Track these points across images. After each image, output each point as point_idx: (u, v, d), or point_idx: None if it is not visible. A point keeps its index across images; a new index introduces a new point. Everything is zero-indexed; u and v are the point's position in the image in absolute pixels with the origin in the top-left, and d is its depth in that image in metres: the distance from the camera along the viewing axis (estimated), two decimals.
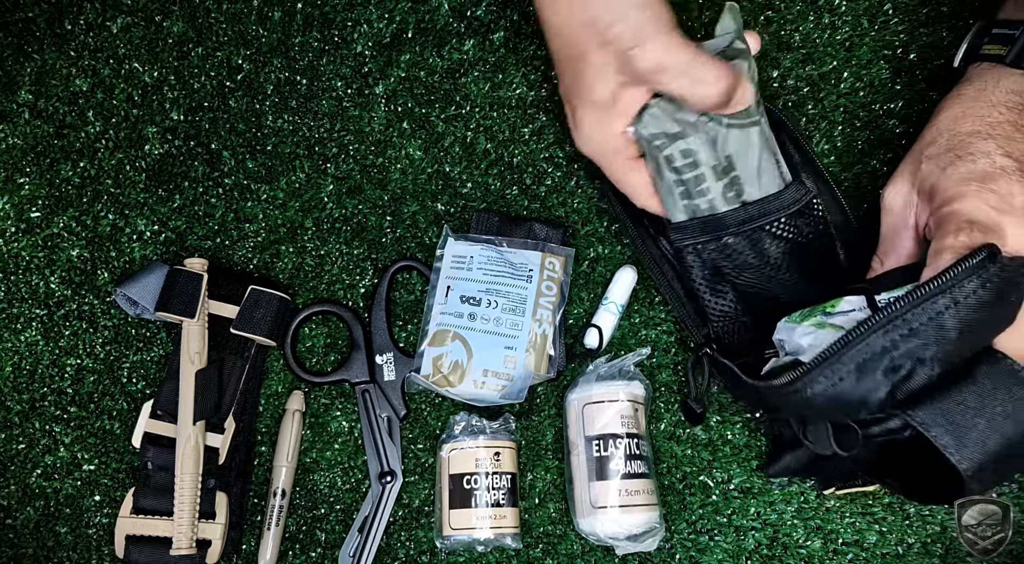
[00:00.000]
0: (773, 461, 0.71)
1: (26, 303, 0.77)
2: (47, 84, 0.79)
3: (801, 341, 0.62)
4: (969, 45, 0.70)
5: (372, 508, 0.74)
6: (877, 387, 0.57)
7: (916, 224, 0.64)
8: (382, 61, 0.79)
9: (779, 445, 0.72)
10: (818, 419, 0.62)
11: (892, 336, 0.55)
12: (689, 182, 0.65)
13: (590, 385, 0.71)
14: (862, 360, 0.56)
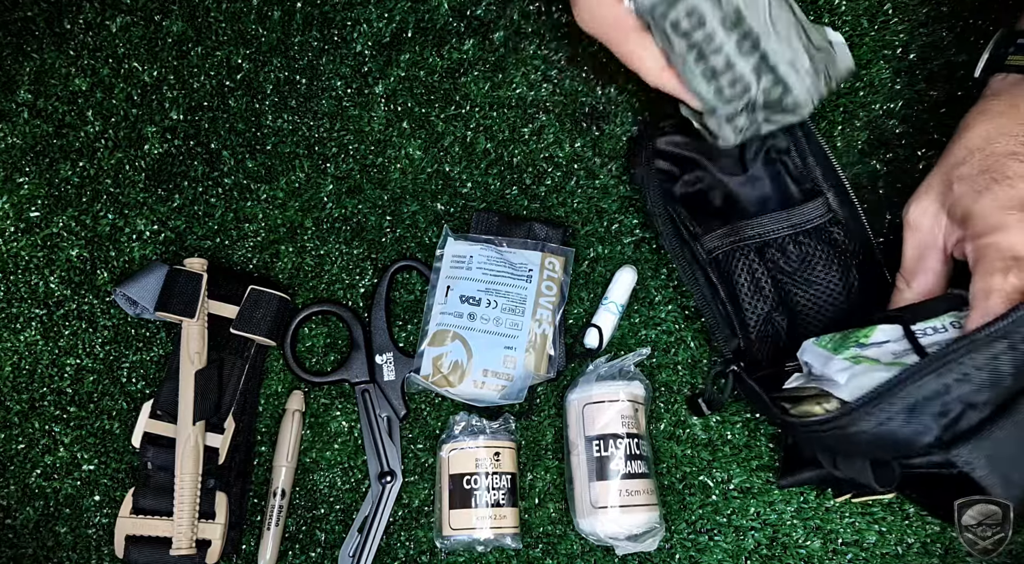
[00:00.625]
0: (788, 473, 0.71)
1: (26, 303, 0.77)
2: (46, 83, 0.79)
3: (836, 377, 0.61)
4: (991, 55, 0.68)
5: (372, 508, 0.74)
6: (926, 430, 0.55)
7: (944, 245, 0.63)
8: (382, 61, 0.79)
9: (795, 458, 0.71)
10: (856, 454, 0.61)
11: (945, 380, 0.54)
12: (701, 43, 0.63)
13: (590, 385, 0.71)
14: (912, 402, 0.55)
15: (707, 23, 0.62)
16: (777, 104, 0.65)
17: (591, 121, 0.79)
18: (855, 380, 0.59)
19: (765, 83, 0.64)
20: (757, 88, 0.64)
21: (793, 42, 0.63)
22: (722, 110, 0.65)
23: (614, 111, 0.79)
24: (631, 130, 0.79)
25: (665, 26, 0.63)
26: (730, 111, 0.65)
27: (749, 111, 0.65)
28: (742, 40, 0.62)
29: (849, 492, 0.71)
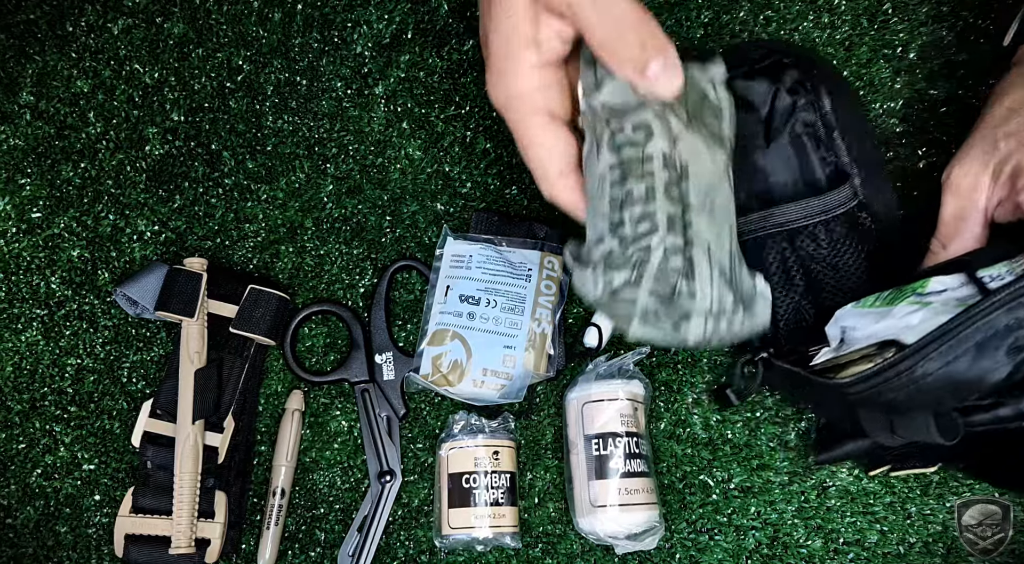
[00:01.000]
0: (827, 449, 0.70)
1: (27, 303, 0.77)
2: (48, 85, 0.79)
3: (906, 321, 0.58)
4: (1022, 24, 0.69)
5: (371, 507, 0.74)
6: (996, 367, 0.53)
7: (986, 207, 0.62)
8: (382, 62, 0.80)
9: (833, 434, 0.70)
10: (916, 407, 0.58)
11: (1018, 313, 0.52)
12: (631, 162, 0.54)
13: (589, 384, 0.71)
14: (981, 338, 0.53)
15: (649, 145, 0.54)
16: (670, 287, 0.53)
17: None
18: (932, 320, 0.56)
19: (672, 242, 0.53)
20: (661, 239, 0.53)
21: (724, 238, 0.55)
22: (608, 245, 0.54)
23: None
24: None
25: (604, 136, 0.55)
26: (617, 255, 0.54)
27: (634, 272, 0.53)
28: (673, 186, 0.54)
29: (886, 465, 0.70)
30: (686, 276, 0.53)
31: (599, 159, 0.55)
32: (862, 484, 0.73)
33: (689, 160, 0.54)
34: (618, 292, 0.53)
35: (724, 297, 0.53)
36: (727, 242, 0.55)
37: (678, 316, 0.53)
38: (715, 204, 0.55)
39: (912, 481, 0.72)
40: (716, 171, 0.55)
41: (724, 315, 0.53)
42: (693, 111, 0.56)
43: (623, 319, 0.54)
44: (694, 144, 0.54)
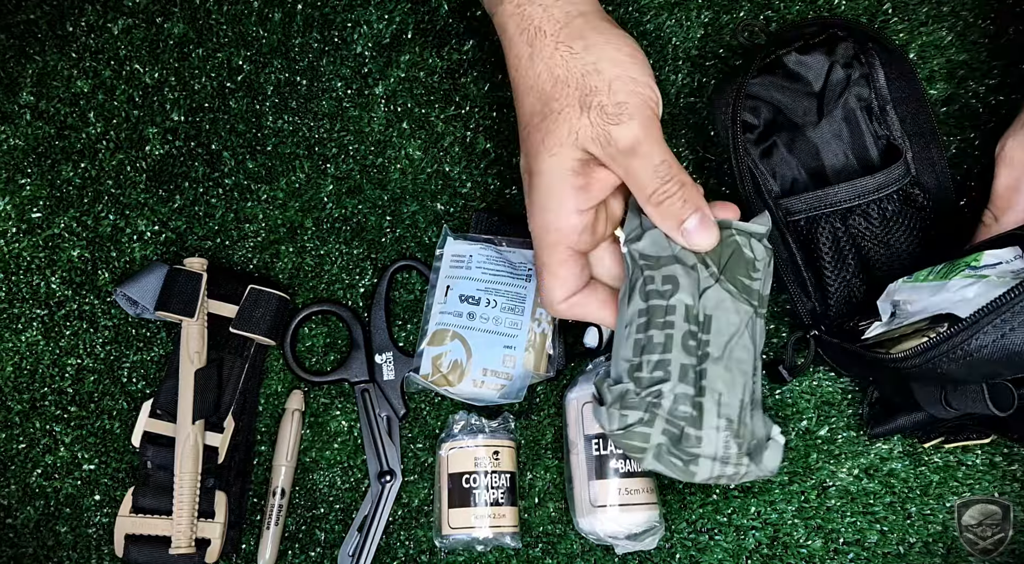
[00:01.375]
0: (881, 423, 0.71)
1: (27, 303, 0.77)
2: (48, 85, 0.79)
3: (962, 295, 0.59)
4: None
5: (371, 507, 0.74)
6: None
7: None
8: (382, 62, 0.80)
9: (887, 407, 0.71)
10: (972, 379, 0.59)
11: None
12: (655, 313, 0.58)
13: (589, 384, 0.71)
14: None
15: (673, 298, 0.58)
16: (677, 431, 0.56)
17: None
18: (987, 294, 0.57)
19: (683, 390, 0.56)
20: (672, 387, 0.56)
21: (736, 391, 0.58)
22: (624, 386, 0.58)
23: None
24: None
25: (638, 283, 0.60)
26: (631, 396, 0.58)
27: (647, 413, 0.57)
28: (691, 337, 0.58)
29: (939, 437, 0.70)
30: (693, 423, 0.56)
31: (630, 304, 0.60)
32: (862, 484, 0.73)
33: (713, 312, 0.58)
34: (631, 429, 0.57)
35: (729, 446, 0.56)
36: (740, 392, 0.58)
37: (687, 456, 0.56)
38: (733, 355, 0.58)
39: (912, 481, 0.72)
40: (738, 322, 0.58)
41: (729, 462, 0.56)
42: (727, 265, 0.59)
43: (637, 451, 0.57)
44: (720, 297, 0.58)
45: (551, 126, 0.57)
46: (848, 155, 0.74)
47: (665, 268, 0.59)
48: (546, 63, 0.57)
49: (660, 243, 0.59)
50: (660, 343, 0.57)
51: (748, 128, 0.74)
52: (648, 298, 0.59)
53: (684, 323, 0.57)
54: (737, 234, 0.60)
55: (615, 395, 0.58)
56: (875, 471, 0.73)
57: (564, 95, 0.56)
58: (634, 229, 0.61)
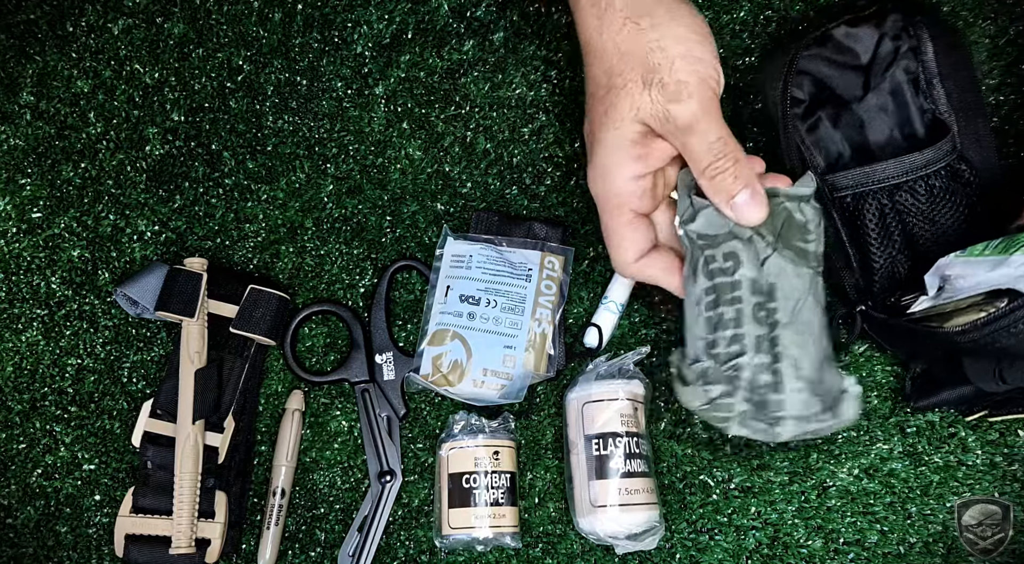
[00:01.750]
0: (925, 396, 0.71)
1: (27, 303, 0.77)
2: (48, 85, 0.79)
3: (1018, 271, 0.59)
4: None
5: (372, 507, 0.74)
6: None
7: None
8: (382, 62, 0.80)
9: (928, 382, 0.71)
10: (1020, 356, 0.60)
11: None
12: (723, 289, 0.61)
13: (589, 384, 0.71)
14: None
15: (737, 273, 0.61)
16: (760, 397, 0.59)
17: None
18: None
19: (760, 360, 0.60)
20: (751, 359, 0.59)
21: (810, 349, 0.60)
22: (703, 365, 0.61)
23: None
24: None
25: (699, 261, 0.62)
26: (712, 371, 0.61)
27: (730, 385, 0.60)
28: (760, 308, 0.60)
29: (983, 411, 0.70)
30: (774, 389, 0.59)
31: (696, 284, 0.62)
32: (862, 484, 0.73)
33: (776, 280, 0.60)
34: (716, 402, 0.60)
35: (810, 404, 0.59)
36: (813, 351, 0.60)
37: (771, 419, 0.59)
38: (801, 318, 0.60)
39: (912, 481, 0.72)
40: (802, 286, 0.61)
41: (812, 419, 0.59)
42: (781, 232, 0.61)
43: (723, 421, 0.60)
44: (780, 265, 0.60)
45: (614, 100, 0.59)
46: (893, 129, 0.73)
47: (724, 245, 0.61)
48: (613, 37, 0.59)
49: (715, 221, 0.61)
50: (732, 318, 0.60)
51: (795, 102, 0.73)
52: (712, 276, 0.61)
53: (751, 296, 0.60)
54: (787, 200, 0.62)
55: (696, 373, 0.61)
56: (875, 471, 0.73)
57: (629, 70, 0.58)
58: (686, 210, 0.63)
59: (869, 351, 0.75)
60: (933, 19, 0.71)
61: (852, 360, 0.75)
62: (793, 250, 0.61)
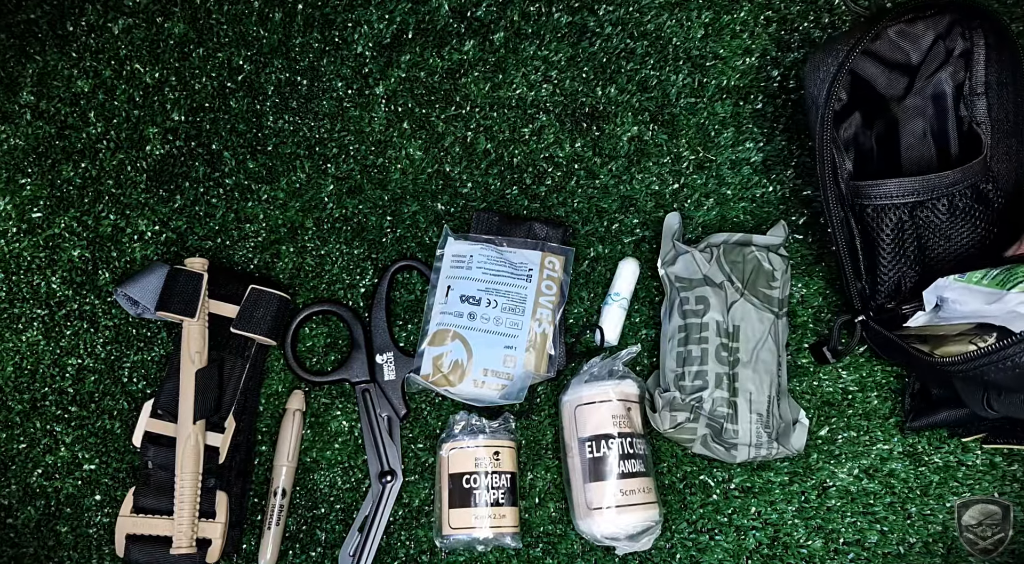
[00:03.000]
0: (922, 416, 0.71)
1: (27, 303, 0.77)
2: (49, 85, 0.79)
3: (1013, 310, 0.62)
4: None
5: (372, 507, 0.74)
6: None
7: None
8: (382, 61, 0.80)
9: (929, 401, 0.71)
10: (1013, 388, 0.62)
11: None
12: (692, 329, 0.70)
13: (580, 387, 0.71)
14: None
15: (706, 316, 0.70)
16: (718, 426, 0.68)
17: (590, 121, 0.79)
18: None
19: (719, 395, 0.68)
20: (710, 393, 0.68)
21: (764, 388, 0.69)
22: (671, 393, 0.70)
23: (614, 111, 0.79)
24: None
25: (675, 301, 0.71)
26: (677, 400, 0.69)
27: (692, 413, 0.68)
28: (724, 348, 0.69)
29: (982, 433, 0.71)
30: (730, 419, 0.68)
31: (671, 320, 0.72)
32: (862, 484, 0.73)
33: (740, 323, 0.69)
34: (680, 426, 0.68)
35: (760, 435, 0.68)
36: (768, 389, 0.69)
37: (727, 445, 0.68)
38: (760, 358, 0.69)
39: (912, 481, 0.73)
40: (762, 329, 0.70)
41: (762, 446, 0.68)
42: (749, 279, 0.70)
43: (687, 442, 0.69)
44: (746, 309, 0.70)
45: None
46: (927, 133, 0.73)
47: (697, 289, 0.70)
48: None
49: (691, 266, 0.71)
50: (698, 356, 0.69)
51: (834, 101, 0.72)
52: (685, 317, 0.70)
53: (716, 337, 0.69)
54: (756, 250, 0.71)
55: (665, 401, 0.69)
56: (875, 471, 0.73)
57: None
58: (668, 253, 0.73)
59: (869, 352, 0.75)
60: (993, 26, 0.70)
61: (852, 360, 0.75)
62: (758, 296, 0.70)
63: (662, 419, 0.69)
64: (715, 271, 0.70)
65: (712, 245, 0.72)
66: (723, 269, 0.71)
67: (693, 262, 0.71)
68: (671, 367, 0.70)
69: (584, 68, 0.79)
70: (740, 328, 0.69)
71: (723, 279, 0.70)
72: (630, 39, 0.79)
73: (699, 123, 0.79)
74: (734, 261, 0.71)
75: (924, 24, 0.71)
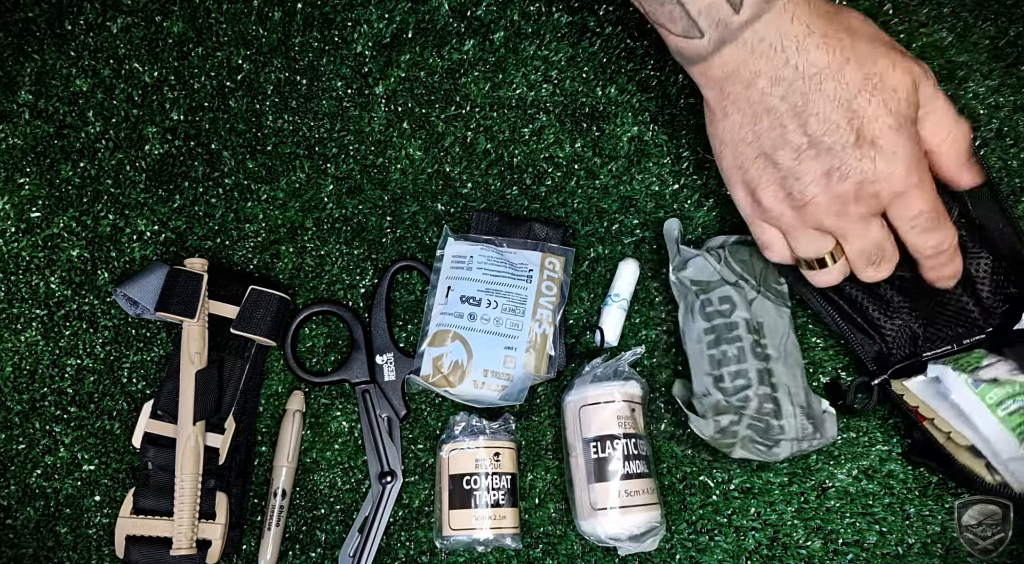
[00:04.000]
0: (924, 456, 0.72)
1: (26, 303, 0.77)
2: (47, 84, 0.79)
3: (979, 433, 0.66)
4: None
5: (372, 508, 0.74)
6: None
7: None
8: (382, 61, 0.79)
9: (932, 450, 0.71)
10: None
11: None
12: (722, 329, 0.69)
13: (585, 387, 0.71)
14: None
15: (734, 315, 0.69)
16: (764, 423, 0.67)
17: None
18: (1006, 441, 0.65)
19: (763, 391, 0.67)
20: (755, 390, 0.67)
21: (798, 379, 0.69)
22: (713, 397, 0.69)
23: (614, 111, 0.79)
24: None
25: (696, 304, 0.70)
26: (722, 403, 0.68)
27: (736, 415, 0.67)
28: (757, 346, 0.69)
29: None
30: (775, 415, 0.67)
31: (694, 324, 0.71)
32: (861, 485, 0.73)
33: (763, 320, 0.70)
34: (725, 429, 0.67)
35: (805, 426, 0.68)
36: (800, 380, 0.69)
37: (771, 442, 0.67)
38: (787, 352, 0.70)
39: (911, 482, 0.73)
40: (783, 323, 0.70)
41: (805, 439, 0.68)
42: (762, 277, 0.71)
43: (728, 446, 0.68)
44: (765, 306, 0.70)
45: (888, 82, 0.60)
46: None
47: (717, 290, 0.70)
48: (836, 53, 0.59)
49: (705, 269, 0.71)
50: (735, 355, 0.68)
51: None
52: (710, 318, 0.70)
53: (748, 334, 0.69)
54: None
55: (708, 405, 0.69)
56: (874, 472, 0.73)
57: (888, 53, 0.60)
58: (676, 257, 0.73)
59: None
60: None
61: (853, 360, 0.75)
62: (772, 292, 0.71)
63: (706, 425, 0.67)
64: (727, 272, 0.71)
65: (712, 248, 0.72)
66: (734, 269, 0.71)
67: (707, 264, 0.71)
68: (706, 370, 0.69)
69: (584, 68, 0.79)
70: (764, 324, 0.69)
71: (737, 278, 0.70)
72: (630, 39, 0.79)
73: (699, 123, 0.78)
74: (742, 260, 0.71)
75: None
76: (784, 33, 0.59)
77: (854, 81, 0.58)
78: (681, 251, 0.72)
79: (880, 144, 0.59)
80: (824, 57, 0.58)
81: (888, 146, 0.59)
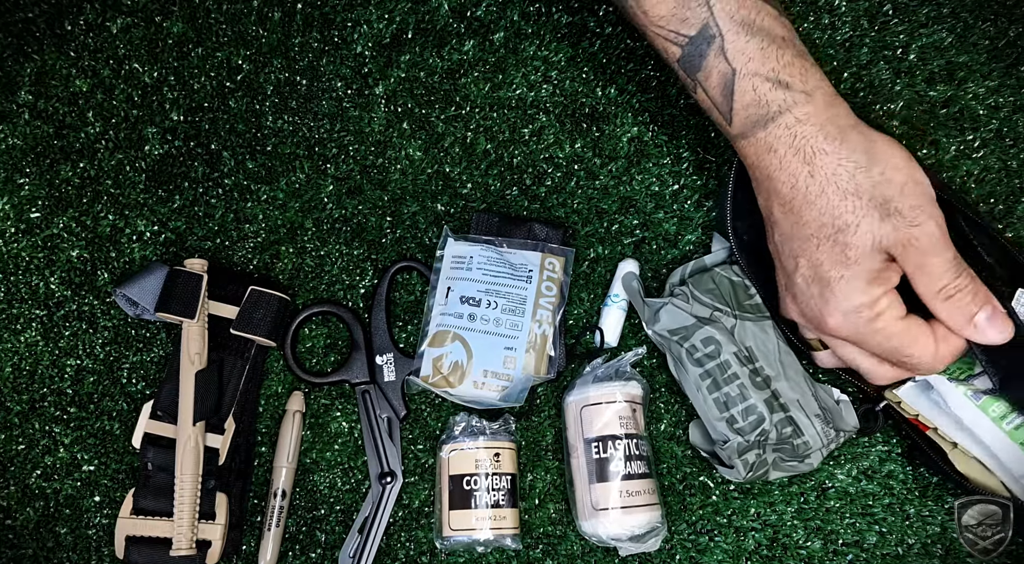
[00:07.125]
0: (928, 466, 0.72)
1: (26, 304, 0.77)
2: (47, 84, 0.79)
3: (973, 450, 0.67)
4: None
5: (372, 509, 0.74)
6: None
7: None
8: (382, 61, 0.79)
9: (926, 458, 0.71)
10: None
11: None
12: (715, 372, 0.68)
13: (587, 387, 0.71)
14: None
15: (722, 353, 0.68)
16: (788, 445, 0.67)
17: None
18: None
19: (777, 418, 0.67)
20: (770, 421, 0.67)
21: (803, 386, 0.69)
22: (733, 441, 0.68)
23: (614, 111, 0.79)
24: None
25: (682, 353, 0.70)
26: (742, 444, 0.67)
27: (760, 448, 0.67)
28: (755, 375, 0.68)
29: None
30: (796, 434, 0.67)
31: (688, 372, 0.70)
32: (861, 485, 0.73)
33: (751, 343, 0.69)
34: (755, 466, 0.68)
35: (827, 432, 0.68)
36: (805, 386, 0.69)
37: (801, 457, 0.68)
38: (784, 364, 0.69)
39: (911, 482, 0.73)
40: (771, 337, 0.70)
41: (832, 441, 0.68)
42: (734, 300, 0.71)
43: (762, 476, 0.68)
44: (745, 328, 0.70)
45: (850, 239, 0.59)
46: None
47: (697, 334, 0.69)
48: (830, 179, 0.59)
49: (677, 316, 0.70)
50: (737, 394, 0.68)
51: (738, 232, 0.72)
52: (701, 363, 0.69)
53: (742, 368, 0.68)
54: (721, 271, 0.71)
55: (732, 450, 0.68)
56: (874, 473, 0.73)
57: (857, 208, 0.59)
58: (643, 309, 0.72)
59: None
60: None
61: None
62: (748, 310, 0.70)
63: (738, 471, 0.67)
64: (699, 308, 0.70)
65: (675, 286, 0.72)
66: (705, 303, 0.70)
67: (678, 310, 0.70)
68: (716, 415, 0.68)
69: (584, 68, 0.79)
70: (752, 347, 0.69)
71: (711, 312, 0.70)
72: (630, 39, 0.79)
73: (699, 123, 0.78)
74: (708, 289, 0.71)
75: None
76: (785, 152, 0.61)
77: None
78: (647, 303, 0.72)
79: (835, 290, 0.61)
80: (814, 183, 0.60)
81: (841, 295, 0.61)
